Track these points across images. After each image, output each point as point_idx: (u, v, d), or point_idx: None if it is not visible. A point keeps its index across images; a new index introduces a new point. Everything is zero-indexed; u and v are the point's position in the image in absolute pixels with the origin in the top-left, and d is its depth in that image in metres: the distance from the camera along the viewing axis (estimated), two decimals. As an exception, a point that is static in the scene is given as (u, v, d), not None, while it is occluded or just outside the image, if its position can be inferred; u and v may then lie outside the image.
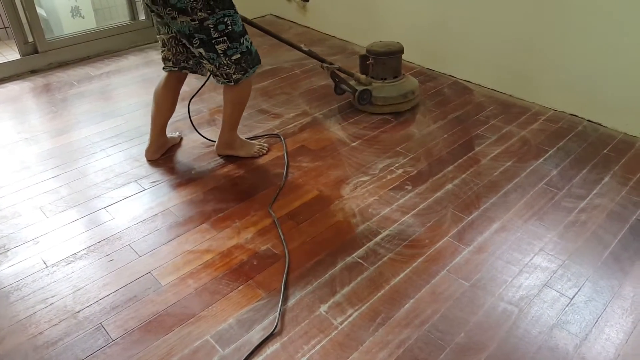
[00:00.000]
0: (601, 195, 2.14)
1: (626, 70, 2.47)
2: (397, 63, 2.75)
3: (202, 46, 2.00)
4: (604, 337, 1.54)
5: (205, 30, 1.96)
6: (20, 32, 3.18)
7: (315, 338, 1.53)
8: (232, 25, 2.01)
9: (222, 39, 2.00)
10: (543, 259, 1.82)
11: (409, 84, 2.78)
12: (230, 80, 2.12)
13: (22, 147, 2.48)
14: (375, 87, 2.73)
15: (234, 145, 2.36)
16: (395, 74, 2.77)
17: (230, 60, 2.05)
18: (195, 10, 1.90)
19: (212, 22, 1.95)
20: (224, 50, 2.02)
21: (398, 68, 2.77)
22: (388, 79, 2.76)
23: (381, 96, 2.72)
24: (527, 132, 2.61)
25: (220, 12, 1.96)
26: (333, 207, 2.08)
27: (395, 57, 2.73)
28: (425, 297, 1.67)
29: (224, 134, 2.34)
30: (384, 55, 2.70)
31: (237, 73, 2.10)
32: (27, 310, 1.62)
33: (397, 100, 2.73)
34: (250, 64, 2.13)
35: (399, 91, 2.73)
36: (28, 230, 1.95)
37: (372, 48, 2.72)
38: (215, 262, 1.81)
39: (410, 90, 2.75)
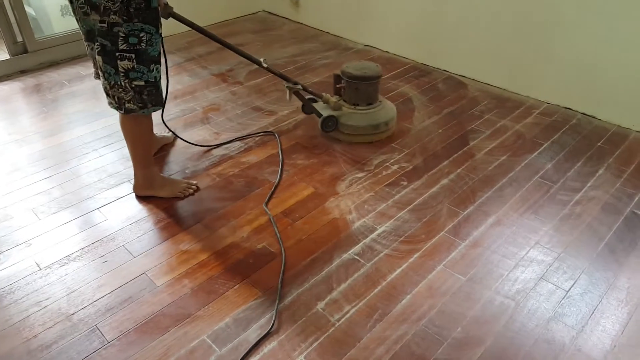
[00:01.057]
0: (596, 187, 2.14)
1: (620, 63, 2.47)
2: (372, 89, 2.44)
3: (102, 54, 1.69)
4: (600, 328, 1.54)
5: (112, 36, 1.65)
6: (9, 32, 3.14)
7: (312, 335, 1.52)
8: (146, 45, 1.69)
9: (129, 55, 1.68)
10: (539, 252, 1.83)
11: (384, 114, 2.46)
12: (120, 108, 1.80)
13: (13, 148, 2.46)
14: (344, 114, 2.44)
15: (153, 184, 2.06)
16: (370, 100, 2.45)
17: (130, 85, 1.74)
18: (108, 11, 1.60)
19: (124, 30, 1.64)
20: (126, 69, 1.71)
21: (374, 95, 2.46)
22: (360, 106, 2.45)
23: (349, 124, 2.42)
24: (521, 126, 2.61)
25: (139, 24, 1.65)
26: (329, 204, 2.07)
27: (371, 84, 2.41)
28: (421, 292, 1.67)
29: (138, 175, 2.05)
30: (357, 79, 2.39)
31: (132, 103, 1.78)
32: (20, 313, 1.61)
33: (367, 130, 2.43)
34: (153, 100, 1.81)
35: (370, 121, 2.42)
36: (20, 232, 1.94)
37: (346, 70, 2.43)
38: (211, 262, 1.80)
39: (384, 121, 2.44)
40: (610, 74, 2.53)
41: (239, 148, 2.44)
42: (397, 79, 3.11)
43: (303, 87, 2.37)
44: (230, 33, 3.85)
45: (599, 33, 2.48)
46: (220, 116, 2.72)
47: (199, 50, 3.51)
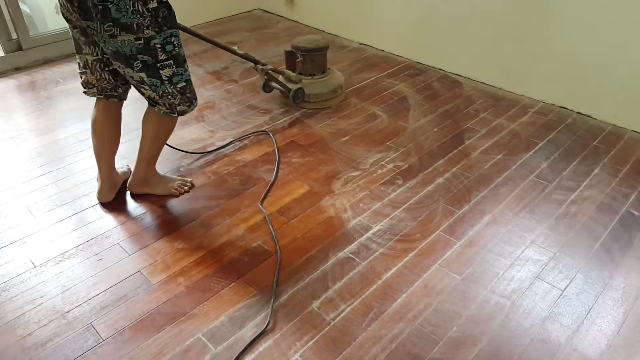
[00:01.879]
0: (591, 187, 2.15)
1: (615, 62, 2.48)
2: (324, 59, 2.75)
3: (144, 70, 1.72)
4: (595, 328, 1.55)
5: (151, 50, 1.68)
6: (4, 29, 3.12)
7: (307, 334, 1.52)
8: (178, 47, 1.76)
9: (169, 62, 1.74)
10: (534, 251, 1.83)
11: (337, 79, 2.80)
12: (173, 112, 1.87)
13: (8, 146, 2.44)
14: (306, 84, 2.71)
15: (151, 182, 2.08)
16: (323, 69, 2.77)
17: (176, 89, 1.81)
18: (141, 27, 1.63)
19: (160, 41, 1.69)
20: (169, 76, 1.77)
21: (325, 63, 2.77)
22: (317, 75, 2.75)
23: (313, 93, 2.71)
24: (516, 125, 2.61)
25: (168, 30, 1.70)
26: (324, 203, 2.07)
27: (323, 53, 2.72)
28: (417, 291, 1.67)
29: (140, 170, 2.04)
30: (312, 51, 2.68)
31: (182, 104, 1.86)
32: (15, 311, 1.60)
33: (328, 96, 2.74)
34: (194, 96, 1.91)
35: (328, 87, 2.74)
36: (15, 230, 1.92)
37: (299, 44, 2.69)
38: (206, 260, 1.79)
39: (339, 85, 2.78)
40: (605, 73, 2.53)
41: (234, 146, 2.44)
42: (392, 77, 3.11)
43: (272, 69, 2.63)
44: (226, 31, 3.84)
45: (595, 32, 2.49)
46: (215, 114, 2.71)
47: (194, 49, 3.50)
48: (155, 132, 1.95)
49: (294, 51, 2.72)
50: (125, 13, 1.58)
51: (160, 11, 1.65)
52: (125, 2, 1.57)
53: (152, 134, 1.95)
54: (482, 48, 2.96)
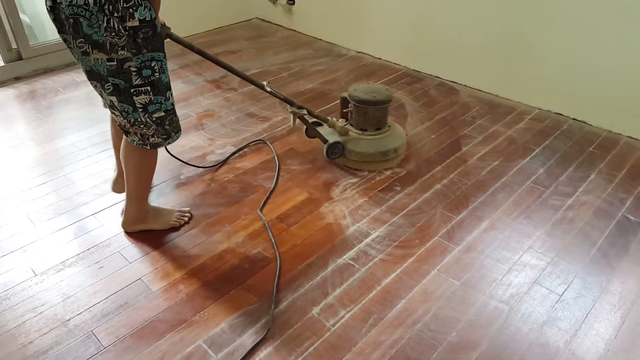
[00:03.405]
0: (588, 192, 2.17)
1: (610, 69, 2.51)
2: (382, 114, 2.31)
3: (115, 93, 1.55)
4: (593, 332, 1.56)
5: (124, 74, 1.50)
6: (4, 39, 3.14)
7: (308, 340, 1.53)
8: (160, 73, 1.56)
9: (145, 88, 1.54)
10: (532, 256, 1.84)
11: (393, 140, 2.33)
12: (145, 144, 1.67)
13: (8, 155, 2.45)
14: (351, 139, 2.31)
15: (147, 217, 1.92)
16: (379, 125, 2.33)
17: (150, 119, 1.61)
18: (115, 47, 1.44)
19: (136, 64, 1.50)
20: (144, 104, 1.58)
21: (383, 120, 2.33)
22: (369, 131, 2.32)
23: (356, 151, 2.29)
24: (513, 131, 2.63)
25: (149, 54, 1.50)
26: (323, 210, 2.08)
27: (380, 108, 2.28)
28: (416, 297, 1.68)
29: (131, 208, 1.88)
30: (366, 104, 2.26)
31: (156, 136, 1.67)
32: (16, 319, 1.60)
33: (375, 157, 2.30)
34: (175, 128, 1.71)
35: (378, 147, 2.29)
36: (16, 238, 1.93)
37: (354, 93, 2.29)
38: (207, 267, 1.80)
39: (393, 148, 2.31)
40: (601, 80, 2.56)
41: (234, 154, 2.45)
42: (389, 85, 3.14)
43: (308, 112, 2.24)
44: (225, 40, 3.87)
45: (590, 39, 2.52)
46: (214, 122, 2.73)
47: (194, 57, 3.50)
48: (137, 167, 1.78)
49: (347, 98, 2.34)
50: (97, 29, 1.41)
51: (141, 31, 1.45)
52: (98, 17, 1.39)
53: (134, 169, 1.78)
54: (479, 56, 2.99)
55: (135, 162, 1.76)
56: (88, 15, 1.39)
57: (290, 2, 3.94)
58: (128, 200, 1.87)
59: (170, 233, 1.95)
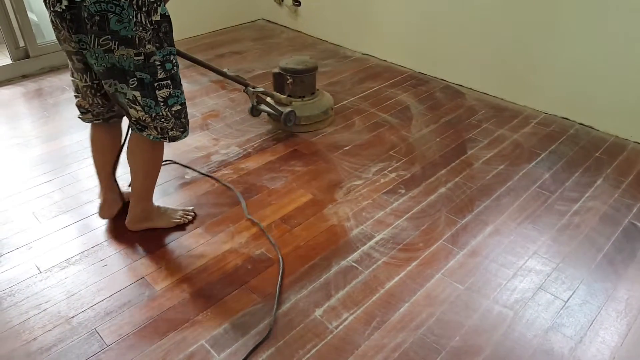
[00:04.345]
0: (594, 198, 2.16)
1: (617, 74, 2.50)
2: (313, 80, 2.69)
3: (139, 88, 1.57)
4: (599, 340, 1.55)
5: (151, 67, 1.54)
6: (12, 37, 3.16)
7: (310, 342, 1.53)
8: (176, 67, 1.63)
9: (167, 82, 1.60)
10: (537, 262, 1.83)
11: (327, 100, 2.74)
12: (164, 137, 1.71)
13: (14, 152, 2.46)
14: (297, 107, 2.62)
15: (151, 216, 1.94)
16: (312, 90, 2.71)
17: (170, 112, 1.66)
18: (143, 42, 1.49)
19: (160, 58, 1.55)
20: (165, 97, 1.62)
21: (314, 85, 2.71)
22: (307, 97, 2.68)
23: (304, 115, 2.63)
24: (519, 135, 2.62)
25: (168, 47, 1.57)
26: (327, 211, 2.08)
27: (312, 74, 2.65)
28: (420, 300, 1.67)
29: (137, 207, 1.89)
30: (302, 73, 2.60)
31: (175, 129, 1.71)
32: (20, 316, 1.61)
33: (319, 117, 2.67)
34: (187, 122, 1.76)
35: (319, 108, 2.67)
36: (21, 235, 1.94)
37: (287, 66, 2.61)
38: (210, 267, 1.80)
39: (329, 106, 2.71)
40: (608, 85, 2.55)
41: (238, 154, 2.45)
42: (394, 87, 3.13)
43: (263, 91, 2.53)
44: (230, 40, 3.87)
45: (597, 43, 2.51)
46: (219, 122, 2.73)
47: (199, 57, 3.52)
48: (145, 163, 1.79)
49: (282, 73, 2.63)
50: (127, 24, 1.45)
51: (162, 25, 1.53)
52: (129, 12, 1.43)
53: (141, 165, 1.79)
54: (485, 59, 2.98)
55: (144, 159, 1.79)
56: (118, 10, 1.42)
57: (296, 4, 3.94)
58: (133, 200, 1.88)
59: (173, 232, 1.95)
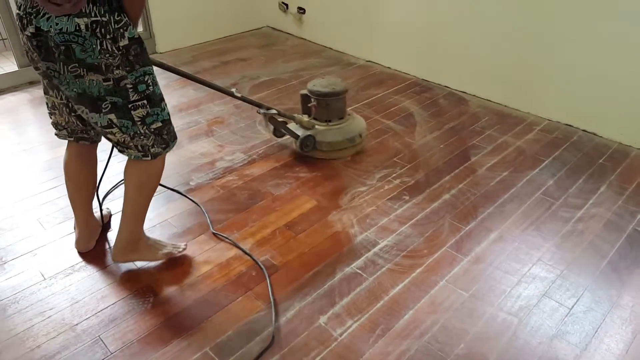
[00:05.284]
0: (598, 204, 2.15)
1: (620, 81, 2.50)
2: (342, 104, 2.48)
3: (113, 111, 1.53)
4: (604, 347, 1.54)
5: (121, 91, 1.50)
6: (18, 44, 3.18)
7: (315, 350, 1.52)
8: (153, 86, 1.58)
9: (142, 102, 1.56)
10: (541, 269, 1.83)
11: (356, 126, 2.51)
12: (146, 154, 1.65)
13: (20, 159, 2.48)
14: (319, 131, 2.44)
15: (138, 246, 1.80)
16: (340, 115, 2.49)
17: (149, 130, 1.61)
18: (110, 68, 1.45)
19: (131, 81, 1.51)
20: (142, 116, 1.57)
21: (343, 109, 2.50)
22: (333, 122, 2.48)
23: (326, 141, 2.43)
24: (522, 142, 2.62)
25: (141, 69, 1.52)
26: (331, 218, 2.08)
27: (340, 98, 2.45)
28: (424, 307, 1.67)
29: (124, 232, 1.76)
30: (327, 96, 2.41)
31: (156, 146, 1.65)
32: (24, 323, 1.61)
33: (344, 144, 2.46)
34: (172, 137, 1.70)
35: (345, 135, 2.45)
36: (26, 242, 1.95)
37: (314, 88, 2.44)
38: (214, 274, 1.80)
39: (358, 133, 2.49)
40: (611, 92, 2.55)
41: (243, 160, 2.46)
42: (398, 94, 3.14)
43: (278, 112, 2.37)
44: (235, 47, 3.89)
45: (600, 50, 2.51)
46: (224, 129, 2.75)
47: (205, 64, 3.55)
48: (138, 181, 1.71)
49: (308, 94, 2.47)
50: (91, 53, 1.41)
51: (131, 49, 1.47)
52: (92, 41, 1.39)
53: (135, 183, 1.71)
54: (488, 66, 2.99)
55: (137, 176, 1.71)
56: (81, 40, 1.39)
57: (301, 11, 3.96)
58: (122, 222, 1.75)
59: (178, 239, 1.96)
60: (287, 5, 4.07)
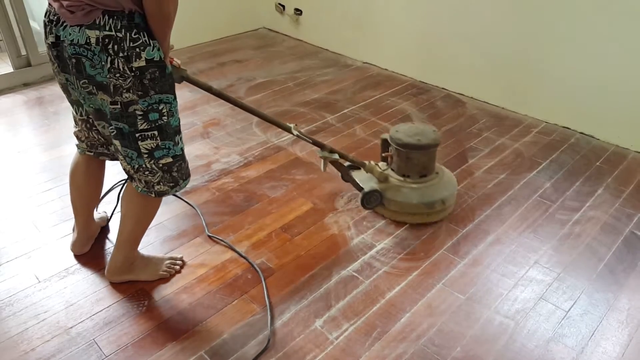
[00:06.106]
0: (595, 207, 2.15)
1: (618, 83, 2.50)
2: (427, 159, 2.02)
3: (118, 137, 1.43)
4: (600, 350, 1.54)
5: (129, 117, 1.38)
6: (13, 45, 3.17)
7: (310, 353, 1.52)
8: (168, 117, 1.43)
9: (152, 133, 1.41)
10: (538, 271, 1.83)
11: (440, 190, 2.02)
12: (150, 191, 1.54)
13: (15, 161, 2.46)
14: (392, 187, 2.02)
15: (134, 267, 1.74)
16: (424, 172, 2.03)
17: (157, 165, 1.48)
18: (119, 90, 1.33)
19: (142, 107, 1.37)
20: (149, 149, 1.44)
21: (429, 165, 2.04)
22: (412, 178, 2.03)
23: (397, 200, 2.00)
24: (520, 144, 2.62)
25: (156, 95, 1.38)
26: (327, 220, 2.07)
27: (425, 153, 2.00)
28: (421, 310, 1.66)
29: (119, 256, 1.70)
30: (409, 147, 1.98)
31: (163, 184, 1.53)
32: (19, 326, 1.60)
33: (419, 209, 1.99)
34: (183, 175, 1.58)
35: (422, 197, 1.98)
36: (20, 244, 1.93)
37: (396, 135, 2.02)
38: (210, 276, 1.79)
39: (440, 198, 2.00)
40: (608, 94, 2.55)
41: (238, 162, 2.45)
42: (395, 96, 3.14)
43: (341, 155, 2.01)
44: (232, 49, 3.89)
45: (598, 53, 2.51)
46: (220, 131, 2.74)
47: (200, 66, 3.54)
48: (136, 214, 1.64)
49: (388, 141, 2.07)
50: (100, 70, 1.31)
51: (148, 72, 1.34)
52: (101, 57, 1.29)
53: (133, 215, 1.64)
54: (486, 68, 2.99)
55: (136, 209, 1.63)
56: (90, 55, 1.29)
57: (298, 13, 3.96)
58: (117, 247, 1.70)
59: (174, 241, 1.95)
60: (284, 6, 4.06)
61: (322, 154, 1.98)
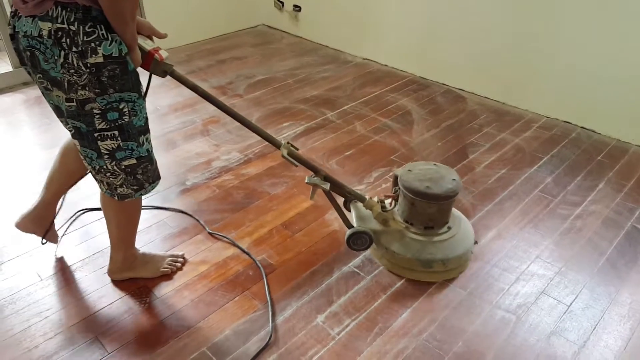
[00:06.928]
0: (596, 201, 2.15)
1: (619, 77, 2.49)
2: (436, 211, 1.71)
3: (77, 137, 1.36)
4: (602, 344, 1.54)
5: (86, 116, 1.29)
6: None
7: (312, 349, 1.52)
8: (130, 116, 1.34)
9: (112, 133, 1.33)
10: (539, 266, 1.83)
11: (445, 248, 1.73)
12: (112, 194, 1.48)
13: (15, 159, 2.46)
14: (389, 232, 1.77)
15: (134, 265, 1.73)
16: (430, 224, 1.74)
17: (118, 167, 1.40)
18: (74, 87, 1.24)
19: (100, 106, 1.28)
20: (110, 150, 1.36)
21: (438, 218, 1.74)
22: (415, 227, 1.76)
23: (390, 249, 1.75)
24: (520, 139, 2.62)
25: (116, 94, 1.28)
26: (328, 216, 2.07)
27: (436, 205, 1.70)
28: (422, 306, 1.67)
29: (117, 256, 1.69)
30: (414, 194, 1.70)
31: (126, 186, 1.45)
32: (22, 324, 1.60)
33: (412, 264, 1.73)
34: (150, 177, 1.50)
35: (419, 253, 1.71)
36: (22, 243, 1.93)
37: (404, 176, 1.75)
38: (211, 273, 1.79)
39: (440, 259, 1.71)
40: (609, 88, 2.55)
41: (239, 159, 2.45)
42: (395, 92, 3.13)
43: (338, 185, 1.77)
44: (231, 46, 3.88)
45: (599, 47, 2.51)
46: (220, 128, 2.73)
47: (199, 64, 3.53)
48: (115, 218, 1.60)
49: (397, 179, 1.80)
50: (53, 65, 1.22)
51: (106, 69, 1.24)
52: (54, 51, 1.20)
53: (112, 219, 1.60)
54: (486, 63, 2.98)
55: (113, 213, 1.58)
56: (43, 48, 1.21)
57: (297, 9, 3.95)
58: (112, 249, 1.69)
59: (175, 239, 1.95)
60: (283, 3, 4.05)
61: (311, 180, 1.70)
